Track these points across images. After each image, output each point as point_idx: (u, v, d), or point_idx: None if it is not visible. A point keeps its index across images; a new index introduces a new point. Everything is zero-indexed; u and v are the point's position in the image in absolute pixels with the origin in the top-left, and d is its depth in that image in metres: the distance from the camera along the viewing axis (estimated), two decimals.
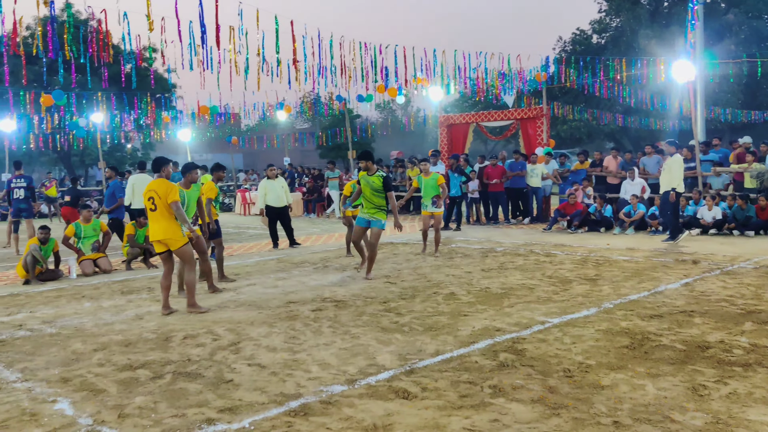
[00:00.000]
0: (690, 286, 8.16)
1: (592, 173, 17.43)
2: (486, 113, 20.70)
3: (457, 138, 20.74)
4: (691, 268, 9.40)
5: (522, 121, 19.44)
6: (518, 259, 10.89)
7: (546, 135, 18.91)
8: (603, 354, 5.42)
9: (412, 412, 4.30)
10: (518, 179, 17.76)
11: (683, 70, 14.82)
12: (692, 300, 7.34)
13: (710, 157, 15.79)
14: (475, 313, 7.06)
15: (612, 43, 45.02)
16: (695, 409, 4.16)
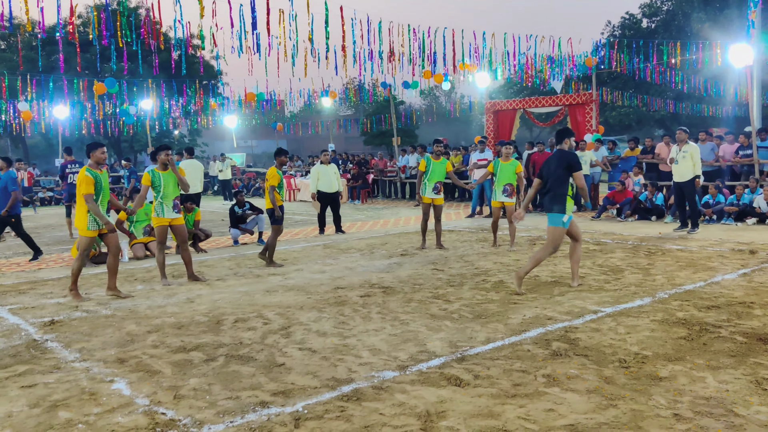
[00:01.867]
0: (748, 276, 7.91)
1: (643, 160, 17.04)
2: (533, 99, 20.38)
3: (504, 124, 20.51)
4: (748, 258, 9.12)
5: (570, 107, 19.09)
6: (567, 248, 10.69)
7: (595, 121, 18.54)
8: (659, 345, 5.29)
9: (465, 399, 4.26)
10: None
11: (741, 53, 14.33)
12: (751, 291, 7.11)
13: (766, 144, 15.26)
14: (525, 302, 6.97)
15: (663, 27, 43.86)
16: (760, 403, 4.03)
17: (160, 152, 8.68)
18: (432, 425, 3.88)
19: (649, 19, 46.07)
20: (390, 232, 13.73)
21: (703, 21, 40.18)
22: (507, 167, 11.01)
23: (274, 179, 9.83)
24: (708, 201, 13.95)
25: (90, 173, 7.56)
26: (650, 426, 3.76)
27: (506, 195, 11.03)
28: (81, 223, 7.64)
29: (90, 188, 7.54)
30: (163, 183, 8.54)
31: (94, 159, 7.71)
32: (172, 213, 8.68)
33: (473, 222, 15.10)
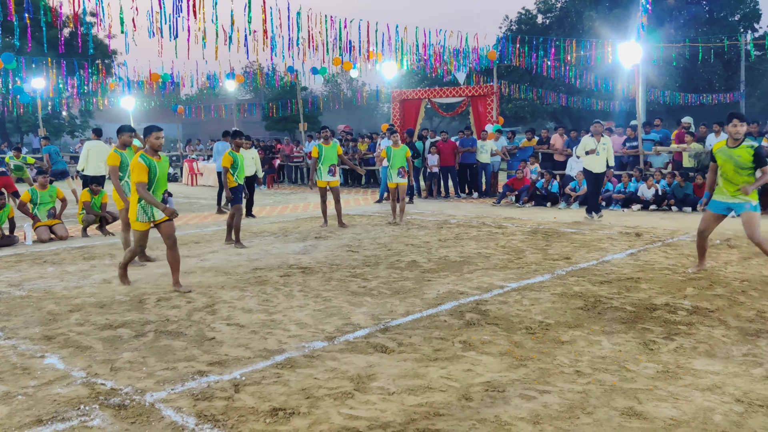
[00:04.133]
0: (635, 256, 8.72)
1: (539, 150, 18.03)
2: (438, 90, 21.04)
3: (410, 113, 21.05)
4: (634, 240, 10.01)
5: (473, 99, 19.88)
6: (472, 231, 11.32)
7: (495, 112, 19.41)
8: (560, 314, 5.87)
9: (392, 363, 4.63)
10: (468, 155, 18.23)
11: (630, 52, 15.45)
12: (637, 268, 7.89)
13: (651, 137, 16.54)
14: (438, 279, 7.43)
15: (557, 23, 45.94)
16: (647, 361, 4.63)
17: (123, 132, 8.56)
18: (364, 386, 4.23)
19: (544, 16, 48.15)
20: (300, 217, 13.94)
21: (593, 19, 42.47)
22: (399, 152, 12.29)
23: (227, 161, 10.02)
24: None
25: (144, 160, 6.79)
26: (556, 380, 4.27)
27: (400, 177, 12.30)
28: (131, 213, 6.99)
29: (143, 176, 6.78)
30: None
31: (149, 144, 6.94)
32: None
33: (382, 207, 15.53)
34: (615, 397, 4.00)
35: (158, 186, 6.93)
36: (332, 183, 12.01)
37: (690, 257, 8.51)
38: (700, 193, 13.95)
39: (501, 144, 18.40)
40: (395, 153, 12.28)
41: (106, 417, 3.79)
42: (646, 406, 3.86)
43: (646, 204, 14.17)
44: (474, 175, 18.56)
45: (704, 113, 36.37)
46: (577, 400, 3.95)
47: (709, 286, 6.89)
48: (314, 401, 3.99)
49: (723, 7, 45.48)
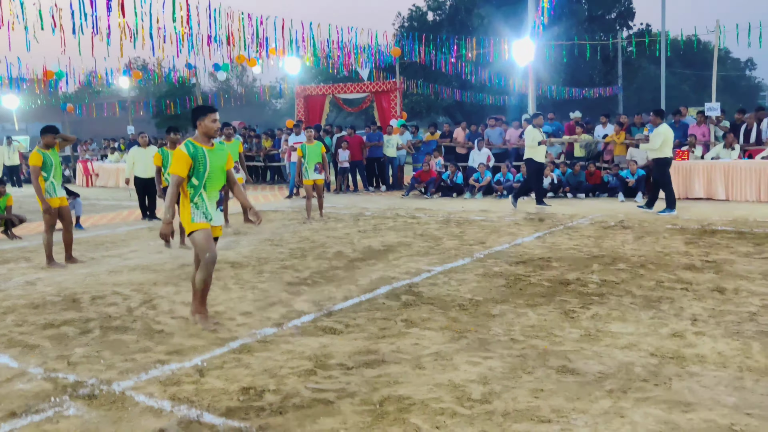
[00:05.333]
0: (542, 238, 9.44)
1: (443, 144, 18.74)
2: (342, 85, 21.39)
3: (314, 109, 21.29)
4: (539, 225, 10.77)
5: (377, 95, 20.37)
6: (388, 222, 11.77)
7: (399, 108, 19.99)
8: (486, 292, 6.39)
9: (344, 343, 4.97)
10: (375, 149, 18.71)
11: (524, 50, 16.38)
12: (546, 249, 8.58)
13: (545, 129, 17.56)
14: (367, 267, 7.81)
15: (448, 20, 47.35)
16: (571, 327, 5.20)
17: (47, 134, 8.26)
18: (323, 363, 4.54)
19: (434, 13, 49.50)
20: None
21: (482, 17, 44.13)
22: (313, 149, 12.21)
23: (158, 160, 9.92)
24: (499, 179, 15.85)
25: (187, 148, 5.35)
26: (495, 347, 4.75)
27: (317, 173, 12.14)
28: (185, 215, 5.45)
29: (180, 167, 5.31)
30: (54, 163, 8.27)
31: (202, 129, 5.44)
32: None
33: (293, 202, 15.72)
34: (549, 358, 4.52)
35: (211, 181, 5.44)
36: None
37: (590, 238, 9.32)
38: (592, 180, 15.06)
39: (406, 138, 18.98)
40: (310, 149, 12.20)
41: (80, 406, 3.91)
42: (576, 363, 4.39)
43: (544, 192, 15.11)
44: (381, 168, 19.06)
45: (587, 106, 38.65)
46: (517, 363, 4.43)
47: (612, 262, 7.64)
48: (280, 379, 4.26)
49: (600, 6, 48.41)
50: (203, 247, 5.32)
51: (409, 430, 3.49)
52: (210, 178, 5.42)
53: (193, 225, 5.37)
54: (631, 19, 49.41)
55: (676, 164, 14.09)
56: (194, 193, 5.38)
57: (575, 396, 3.86)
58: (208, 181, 5.41)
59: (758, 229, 9.67)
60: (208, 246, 5.34)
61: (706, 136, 15.11)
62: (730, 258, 7.64)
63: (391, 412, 3.71)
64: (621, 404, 3.73)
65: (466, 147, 18.08)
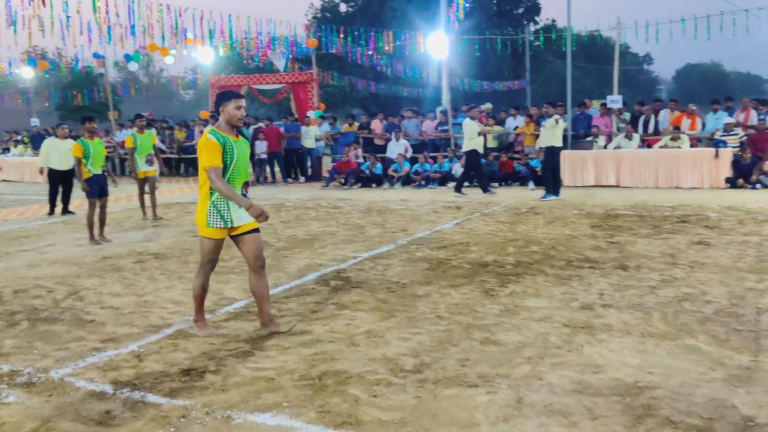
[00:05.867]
0: (460, 225, 9.86)
1: (361, 135, 19.01)
2: (258, 76, 21.28)
3: None
4: (456, 213, 11.21)
5: (293, 86, 20.40)
6: (310, 212, 11.94)
7: (317, 99, 20.10)
8: (412, 275, 6.70)
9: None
10: (293, 140, 18.77)
11: (439, 44, 16.83)
12: (465, 235, 8.99)
13: (459, 121, 18.13)
14: (294, 255, 7.97)
15: (361, 12, 47.63)
16: (491, 304, 5.57)
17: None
18: (259, 345, 4.71)
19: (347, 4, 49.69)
20: (129, 207, 13.67)
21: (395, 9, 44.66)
22: (145, 139, 11.38)
23: (78, 150, 9.34)
24: (417, 169, 16.27)
25: (216, 137, 4.70)
26: (423, 324, 5.05)
27: (149, 165, 11.39)
28: (200, 216, 4.86)
29: (216, 158, 4.66)
30: None
31: (226, 117, 4.77)
32: None
33: None
34: (472, 331, 4.85)
35: (236, 177, 4.81)
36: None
37: (505, 223, 9.81)
38: (504, 170, 15.70)
39: (324, 129, 19.13)
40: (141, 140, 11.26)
41: (19, 394, 3.94)
42: (498, 335, 4.75)
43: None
44: (299, 160, 19.14)
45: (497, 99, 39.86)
46: (444, 337, 4.74)
47: (525, 245, 8.11)
48: (219, 361, 4.40)
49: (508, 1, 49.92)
50: (206, 257, 4.91)
51: (348, 399, 3.72)
52: (234, 173, 4.77)
53: (207, 230, 4.82)
54: (538, 15, 51.21)
55: (581, 153, 14.92)
56: (213, 191, 4.73)
57: (498, 363, 4.21)
58: (233, 177, 4.76)
59: (656, 212, 10.43)
60: (212, 256, 4.91)
61: (608, 127, 16.03)
62: (632, 239, 8.27)
63: (330, 385, 3.93)
64: (539, 369, 4.10)
65: (384, 138, 18.41)
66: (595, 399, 3.64)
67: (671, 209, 10.72)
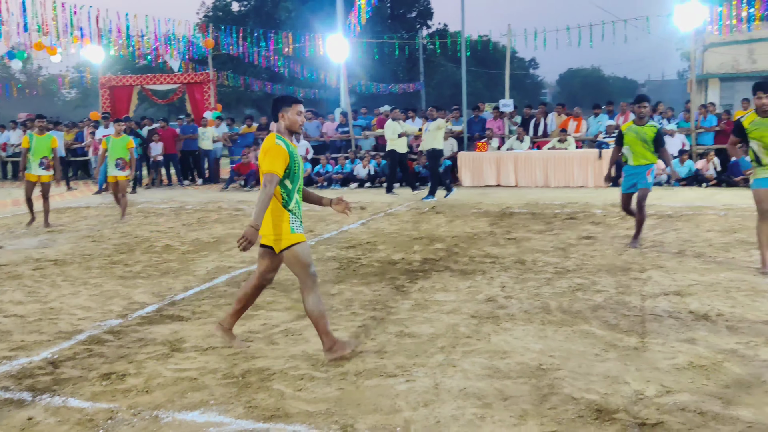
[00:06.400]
0: (366, 225, 10.10)
1: (260, 136, 18.89)
2: (152, 76, 20.70)
3: (121, 100, 20.39)
4: (362, 213, 11.45)
5: (189, 86, 20.00)
6: (212, 215, 11.83)
7: (213, 99, 19.81)
8: (324, 274, 6.85)
9: (195, 327, 5.18)
10: (190, 142, 18.42)
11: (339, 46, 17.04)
12: (372, 234, 9.23)
13: (359, 123, 18.45)
14: (200, 258, 7.94)
15: (254, 12, 47.13)
16: (402, 299, 5.82)
17: None
18: (178, 347, 4.73)
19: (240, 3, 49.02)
20: (17, 213, 13.02)
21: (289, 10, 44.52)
22: (118, 143, 11.31)
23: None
24: (319, 170, 16.40)
25: (283, 143, 4.37)
26: (339, 321, 5.23)
27: (119, 169, 11.27)
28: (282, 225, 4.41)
29: (279, 164, 4.29)
30: None
31: (288, 123, 4.49)
32: None
33: (105, 198, 15.09)
34: (387, 325, 5.08)
35: (297, 181, 4.49)
36: (43, 178, 10.90)
37: (409, 223, 10.14)
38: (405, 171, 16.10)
39: (222, 130, 18.87)
40: (115, 143, 11.32)
41: None
42: (411, 328, 5.00)
43: (362, 182, 15.93)
44: (196, 162, 18.81)
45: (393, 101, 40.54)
46: (360, 332, 4.94)
47: (430, 243, 8.45)
48: (138, 364, 4.40)
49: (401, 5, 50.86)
50: (307, 262, 4.39)
51: (274, 394, 3.85)
52: (297, 179, 4.47)
53: (294, 236, 4.38)
54: (430, 19, 52.49)
55: (477, 155, 15.55)
56: (289, 199, 4.39)
57: (414, 354, 4.45)
58: (295, 182, 4.44)
59: (547, 210, 11.09)
60: (311, 259, 4.45)
61: (501, 129, 16.79)
62: (527, 235, 8.79)
63: (255, 382, 4.04)
64: (452, 357, 4.37)
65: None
66: (504, 382, 3.94)
67: (561, 207, 11.43)
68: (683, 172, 14.07)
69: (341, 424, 3.45)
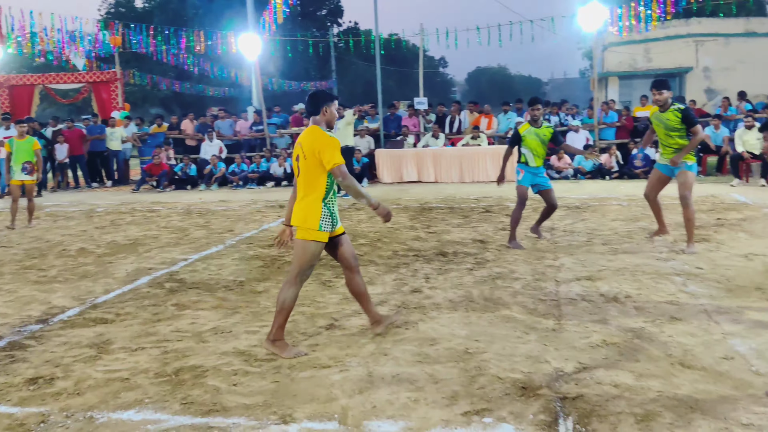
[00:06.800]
0: None
1: (171, 136, 18.48)
2: (54, 75, 19.82)
3: (21, 100, 19.44)
4: (281, 211, 11.44)
5: (94, 85, 19.32)
6: (126, 217, 11.51)
7: (121, 99, 19.21)
8: (248, 273, 6.86)
9: (120, 329, 5.10)
10: (97, 143, 17.79)
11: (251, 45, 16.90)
12: None
13: (274, 121, 18.33)
14: (119, 260, 7.76)
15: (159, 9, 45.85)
16: (330, 294, 5.92)
17: None
18: (105, 349, 4.66)
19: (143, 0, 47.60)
20: None
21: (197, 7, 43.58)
22: (23, 145, 10.70)
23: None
24: (234, 170, 16.21)
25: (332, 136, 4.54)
26: (268, 317, 5.25)
27: (26, 173, 10.64)
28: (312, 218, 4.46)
29: (340, 156, 4.44)
30: None
31: (329, 118, 4.57)
32: None
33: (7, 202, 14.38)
34: (317, 320, 5.18)
35: None
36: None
37: None
38: None
39: (131, 131, 18.33)
40: (19, 145, 10.65)
41: None
42: (341, 321, 5.11)
43: (279, 180, 15.87)
44: (105, 163, 18.19)
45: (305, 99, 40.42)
46: (290, 328, 4.99)
47: (353, 239, 8.54)
48: (65, 367, 4.31)
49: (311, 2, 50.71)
50: (311, 262, 4.52)
51: (209, 390, 3.87)
52: None
53: (318, 234, 4.46)
54: (341, 17, 52.62)
55: (394, 152, 15.80)
56: (328, 192, 4.47)
57: (346, 345, 4.57)
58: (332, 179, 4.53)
59: (464, 204, 11.44)
60: (316, 261, 4.61)
61: (416, 126, 17.10)
62: (447, 228, 9.06)
63: (188, 380, 4.05)
64: (383, 346, 4.51)
65: (196, 139, 18.06)
66: (435, 366, 4.12)
67: (476, 201, 11.80)
68: (588, 166, 14.79)
69: (280, 415, 3.52)
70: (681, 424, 3.26)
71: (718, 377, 3.80)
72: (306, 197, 4.46)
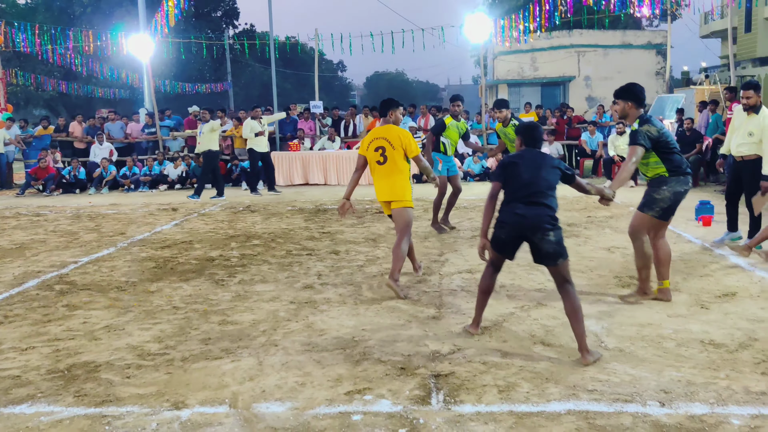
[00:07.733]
0: (180, 225, 10.11)
1: (58, 138, 17.84)
2: None
3: None
4: (174, 214, 11.39)
5: None
6: (10, 221, 11.12)
7: (3, 100, 18.36)
8: (140, 274, 6.90)
9: (10, 331, 5.08)
10: None
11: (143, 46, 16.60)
12: (187, 234, 9.30)
13: (167, 124, 18.07)
14: (5, 264, 7.57)
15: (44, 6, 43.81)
16: (222, 292, 6.09)
17: None
18: None
19: None
20: None
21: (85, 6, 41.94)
22: None
23: None
24: (125, 173, 15.87)
25: None
26: (161, 315, 5.39)
27: None
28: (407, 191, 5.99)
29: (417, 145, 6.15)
30: None
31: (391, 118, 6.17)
32: None
33: None
34: (210, 316, 5.34)
35: None
36: None
37: (224, 222, 10.31)
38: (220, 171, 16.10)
39: (14, 133, 17.54)
40: None
41: None
42: (233, 317, 5.31)
43: (172, 184, 15.69)
44: None
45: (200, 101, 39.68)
46: (183, 324, 5.16)
47: (247, 240, 8.73)
48: None
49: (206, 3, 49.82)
50: (411, 222, 6.04)
51: (103, 383, 3.99)
52: None
53: (412, 203, 6.05)
54: (237, 19, 51.99)
55: (290, 155, 15.97)
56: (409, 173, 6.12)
57: (238, 338, 4.77)
58: None
59: (359, 206, 11.78)
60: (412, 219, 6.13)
61: (312, 130, 17.35)
62: (341, 229, 9.37)
63: (81, 375, 4.14)
64: (274, 338, 4.76)
65: (85, 142, 17.54)
66: (322, 354, 4.41)
67: (370, 202, 12.16)
68: (477, 169, 15.52)
69: (172, 402, 3.71)
70: (537, 392, 3.71)
71: (573, 353, 4.29)
72: (393, 176, 5.91)
